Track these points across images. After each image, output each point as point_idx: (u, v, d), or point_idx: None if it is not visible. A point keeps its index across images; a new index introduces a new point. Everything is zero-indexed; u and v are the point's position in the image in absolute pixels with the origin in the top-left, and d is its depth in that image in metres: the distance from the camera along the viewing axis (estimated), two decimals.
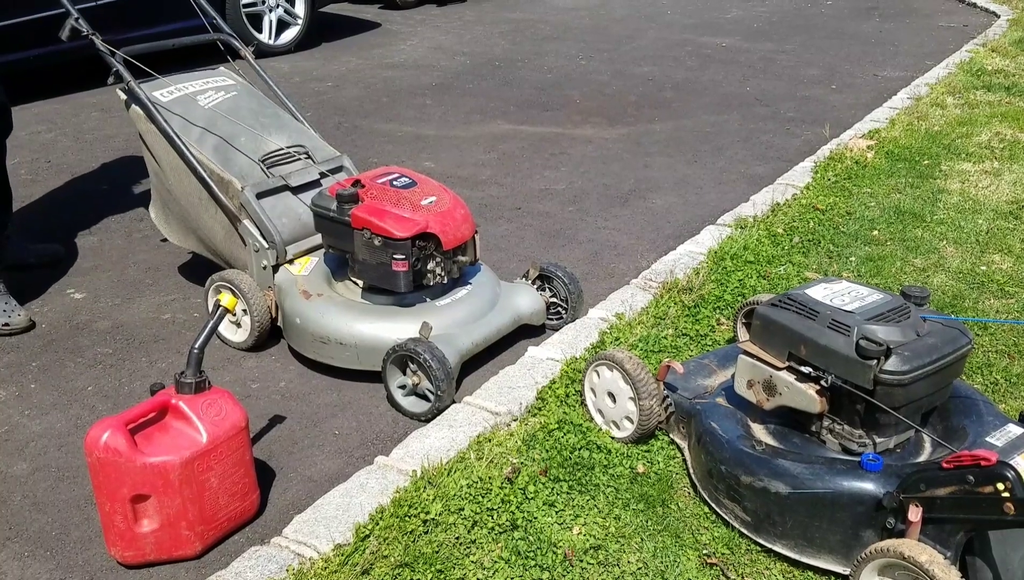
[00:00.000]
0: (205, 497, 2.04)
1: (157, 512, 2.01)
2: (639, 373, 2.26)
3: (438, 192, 2.83)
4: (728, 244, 3.51)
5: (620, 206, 4.26)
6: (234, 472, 2.10)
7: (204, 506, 2.05)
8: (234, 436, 2.08)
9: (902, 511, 1.77)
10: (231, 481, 2.09)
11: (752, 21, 8.98)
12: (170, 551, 2.05)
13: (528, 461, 2.26)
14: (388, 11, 9.60)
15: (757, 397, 2.12)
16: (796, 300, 2.06)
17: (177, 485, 1.99)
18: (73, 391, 2.75)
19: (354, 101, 6.10)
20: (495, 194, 4.42)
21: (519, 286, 3.03)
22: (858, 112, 5.62)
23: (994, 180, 4.30)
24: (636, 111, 5.87)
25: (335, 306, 2.76)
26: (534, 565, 1.96)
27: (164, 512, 2.01)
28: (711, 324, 2.98)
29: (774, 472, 1.96)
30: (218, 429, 2.05)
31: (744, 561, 2.01)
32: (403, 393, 2.63)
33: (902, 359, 1.86)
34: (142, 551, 2.04)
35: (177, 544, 2.05)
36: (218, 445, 2.04)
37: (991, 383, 2.64)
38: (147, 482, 1.97)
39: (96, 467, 1.97)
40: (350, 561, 1.93)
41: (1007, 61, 6.70)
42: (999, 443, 1.76)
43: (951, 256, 3.51)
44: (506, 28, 8.77)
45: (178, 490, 1.99)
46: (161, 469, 1.97)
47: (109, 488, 1.97)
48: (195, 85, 3.16)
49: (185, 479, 1.99)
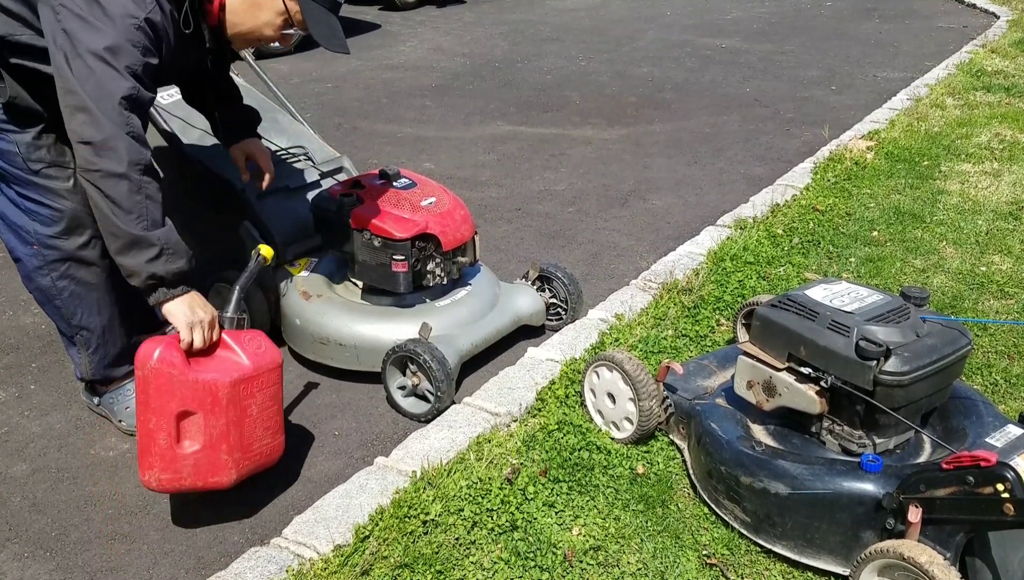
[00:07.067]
0: (245, 424, 2.10)
1: (201, 432, 2.04)
2: (639, 374, 2.26)
3: (438, 193, 2.83)
4: (728, 245, 3.51)
5: (620, 207, 4.26)
6: (270, 406, 2.17)
7: (243, 433, 2.11)
8: (272, 370, 2.17)
9: (902, 512, 1.77)
10: (266, 415, 2.16)
11: (752, 22, 8.98)
12: (206, 477, 2.08)
13: (528, 462, 2.26)
14: (388, 12, 9.61)
15: (757, 398, 2.12)
16: (796, 301, 2.06)
17: (224, 404, 2.05)
18: (73, 392, 2.75)
19: (354, 102, 6.10)
20: (495, 195, 4.42)
21: (519, 287, 3.03)
22: (858, 113, 5.62)
23: (994, 181, 4.31)
24: (636, 112, 5.88)
25: (335, 307, 2.76)
26: (534, 566, 1.96)
27: (208, 432, 2.05)
28: (711, 325, 2.98)
29: (774, 473, 1.96)
30: (260, 360, 2.14)
31: (744, 562, 2.01)
32: (403, 394, 2.63)
33: (902, 360, 1.86)
34: (179, 475, 2.05)
35: (215, 469, 2.08)
36: (260, 374, 2.13)
37: (991, 383, 2.64)
38: (196, 398, 2.02)
39: (147, 381, 1.99)
40: (350, 562, 1.93)
41: (1007, 62, 6.70)
42: (999, 444, 1.76)
43: (951, 257, 3.51)
44: (506, 29, 8.77)
45: (224, 410, 2.05)
46: (211, 386, 2.04)
47: (159, 402, 1.99)
48: None
49: (231, 400, 2.06)
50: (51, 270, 2.33)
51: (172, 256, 2.04)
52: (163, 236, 2.02)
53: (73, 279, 2.35)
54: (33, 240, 2.29)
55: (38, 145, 2.22)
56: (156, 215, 2.02)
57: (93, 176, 1.96)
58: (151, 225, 2.00)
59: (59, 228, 2.29)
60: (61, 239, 2.30)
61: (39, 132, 2.22)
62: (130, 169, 1.96)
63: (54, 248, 2.30)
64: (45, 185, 2.25)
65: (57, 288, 2.35)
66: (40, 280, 2.35)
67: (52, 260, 2.32)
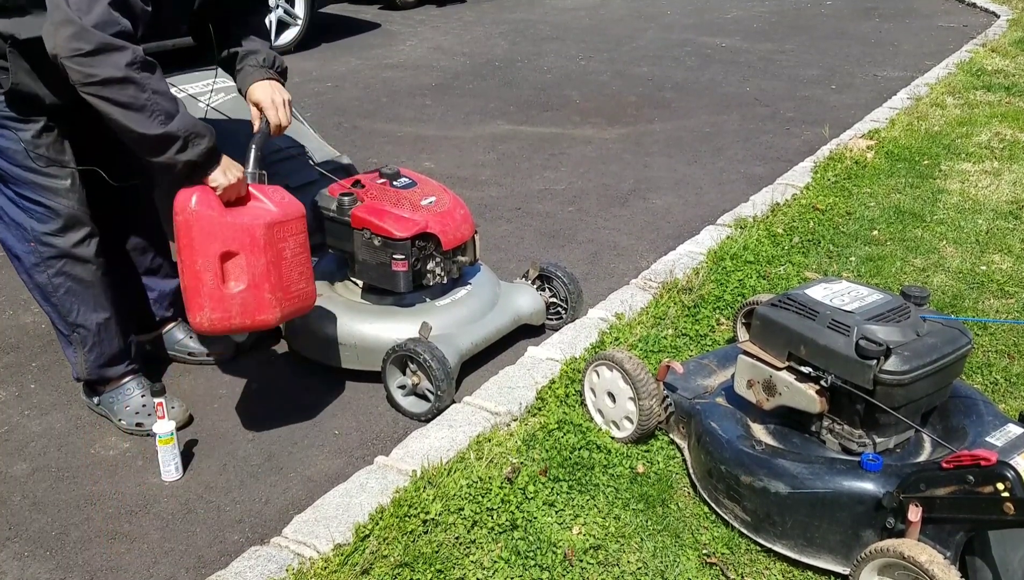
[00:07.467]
0: (283, 266, 2.26)
1: (244, 272, 2.19)
2: (639, 373, 2.26)
3: (438, 192, 2.83)
4: (728, 244, 3.51)
5: (620, 206, 4.26)
6: (301, 253, 2.32)
7: (282, 273, 2.26)
8: (299, 218, 2.33)
9: (902, 511, 1.77)
10: (299, 260, 2.32)
11: (752, 21, 8.98)
12: (254, 315, 2.23)
13: (528, 461, 2.26)
14: (388, 12, 9.61)
15: (757, 397, 2.12)
16: (796, 300, 2.06)
17: (262, 245, 2.20)
18: (73, 391, 2.75)
19: (354, 101, 6.10)
20: (495, 194, 4.42)
21: (519, 286, 3.03)
22: (858, 112, 5.62)
23: (994, 180, 4.31)
24: (636, 111, 5.88)
25: (335, 306, 2.76)
26: (534, 565, 1.96)
27: (251, 272, 2.20)
28: (711, 324, 2.98)
29: (774, 472, 1.96)
30: (288, 208, 2.31)
31: (744, 561, 2.01)
32: (403, 393, 2.63)
33: (902, 359, 1.86)
34: (228, 314, 2.20)
35: (260, 307, 2.23)
36: (289, 220, 2.29)
37: (991, 383, 2.64)
38: (236, 238, 2.18)
39: (187, 226, 2.14)
40: (350, 561, 1.93)
41: (1007, 61, 6.70)
42: (999, 443, 1.76)
43: (951, 256, 3.51)
44: (506, 28, 8.77)
45: (263, 250, 2.20)
46: (248, 228, 2.20)
47: (203, 244, 2.14)
48: (195, 86, 3.16)
49: (268, 240, 2.22)
50: (47, 267, 2.34)
51: (196, 139, 2.12)
52: (181, 124, 2.08)
53: (69, 276, 2.36)
54: (30, 237, 2.31)
55: (38, 143, 2.23)
56: (168, 106, 2.06)
57: (95, 88, 1.97)
58: (166, 118, 2.05)
59: (56, 226, 2.30)
60: (57, 236, 2.31)
61: (40, 130, 2.23)
62: (128, 70, 1.98)
63: (50, 245, 2.32)
64: (43, 184, 2.26)
65: (53, 285, 2.36)
66: (37, 277, 2.36)
67: (48, 257, 2.33)
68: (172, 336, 2.90)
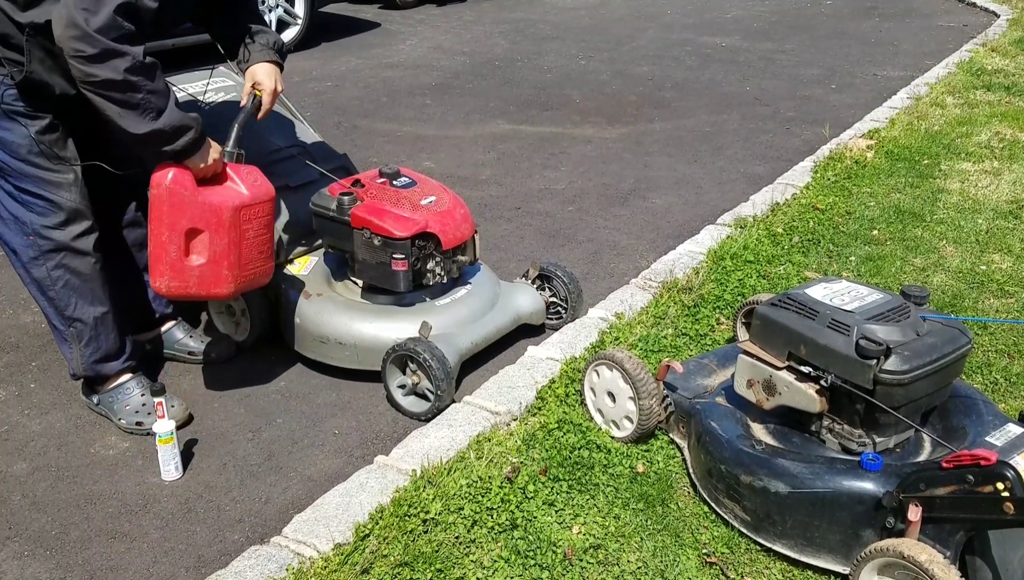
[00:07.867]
0: (243, 245, 2.39)
1: (206, 248, 2.33)
2: (639, 373, 2.26)
3: (438, 192, 2.83)
4: (728, 244, 3.51)
5: (620, 206, 4.26)
6: (264, 234, 2.46)
7: (242, 253, 2.39)
8: (267, 202, 2.45)
9: (902, 510, 1.77)
10: (261, 241, 2.45)
11: (752, 21, 8.98)
12: (209, 288, 2.38)
13: (528, 460, 2.26)
14: (388, 11, 9.61)
15: (757, 397, 2.12)
16: (796, 300, 2.06)
17: (227, 225, 2.33)
18: (73, 390, 2.75)
19: (354, 101, 6.10)
20: (495, 194, 4.42)
21: (519, 286, 3.03)
22: (858, 112, 5.62)
23: (994, 180, 4.30)
24: (636, 111, 5.88)
25: (334, 306, 2.76)
26: (534, 564, 1.96)
27: (212, 249, 2.33)
28: (711, 324, 2.98)
29: (774, 471, 1.96)
30: (258, 191, 2.42)
31: (744, 560, 2.01)
32: (403, 393, 2.63)
33: (902, 359, 1.86)
34: (186, 284, 2.35)
35: (217, 281, 2.38)
36: (257, 204, 2.41)
37: (991, 383, 2.64)
38: (204, 217, 2.30)
39: (159, 200, 2.26)
40: (350, 560, 1.93)
41: (1007, 61, 6.70)
42: (999, 443, 1.76)
43: (951, 256, 3.51)
44: (506, 28, 8.77)
45: (227, 230, 2.33)
46: (217, 208, 2.32)
47: (172, 219, 2.27)
48: (195, 85, 3.15)
49: (233, 222, 2.34)
50: (46, 260, 2.35)
51: (183, 132, 2.21)
52: (169, 120, 2.16)
53: (67, 269, 2.37)
54: (29, 230, 2.32)
55: (42, 139, 2.25)
56: (160, 103, 2.15)
57: (93, 87, 2.06)
58: (156, 115, 2.14)
59: (57, 219, 2.32)
60: (57, 230, 2.33)
61: (45, 126, 2.26)
62: (127, 74, 2.05)
63: (49, 238, 2.33)
64: (47, 178, 2.28)
65: (52, 278, 2.37)
66: (35, 270, 2.37)
67: (47, 250, 2.34)
68: (172, 335, 2.90)
